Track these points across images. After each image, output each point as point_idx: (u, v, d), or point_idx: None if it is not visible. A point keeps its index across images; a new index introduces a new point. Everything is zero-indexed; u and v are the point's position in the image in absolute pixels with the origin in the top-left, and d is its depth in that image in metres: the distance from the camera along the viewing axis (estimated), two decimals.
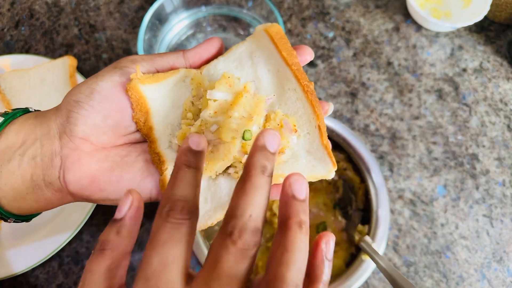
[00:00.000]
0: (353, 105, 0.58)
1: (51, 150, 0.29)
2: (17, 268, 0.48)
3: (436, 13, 0.61)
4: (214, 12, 0.58)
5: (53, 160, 0.29)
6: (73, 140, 0.29)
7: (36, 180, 0.29)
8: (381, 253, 0.45)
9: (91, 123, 0.29)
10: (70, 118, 0.29)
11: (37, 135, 0.30)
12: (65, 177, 0.29)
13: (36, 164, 0.29)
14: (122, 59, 0.31)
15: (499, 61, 0.61)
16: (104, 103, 0.29)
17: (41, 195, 0.30)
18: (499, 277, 0.51)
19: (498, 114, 0.58)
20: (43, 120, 0.30)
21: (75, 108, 0.29)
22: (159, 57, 0.32)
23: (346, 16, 0.63)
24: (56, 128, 0.30)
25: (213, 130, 0.29)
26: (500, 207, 0.54)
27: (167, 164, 0.30)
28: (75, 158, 0.29)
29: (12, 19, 0.63)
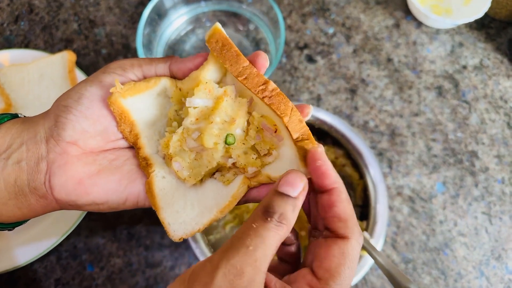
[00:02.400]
0: (352, 101, 0.58)
1: (37, 154, 0.29)
2: (16, 262, 0.48)
3: (437, 10, 0.60)
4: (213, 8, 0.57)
5: (39, 164, 0.29)
6: (60, 144, 0.29)
7: (20, 185, 0.29)
8: (379, 249, 0.45)
9: (79, 128, 0.29)
10: (58, 122, 0.29)
11: (23, 139, 0.29)
12: (51, 181, 0.29)
13: (21, 169, 0.29)
14: (112, 63, 0.31)
15: (499, 59, 0.61)
16: (93, 108, 0.29)
17: (24, 201, 0.29)
18: (498, 274, 0.51)
19: (498, 111, 0.58)
20: (30, 125, 0.30)
21: (63, 112, 0.29)
22: (147, 64, 0.31)
23: (347, 12, 0.63)
24: (44, 132, 0.29)
25: (195, 137, 0.29)
26: (499, 204, 0.54)
27: (154, 167, 0.30)
28: (62, 162, 0.29)
29: (11, 14, 0.63)
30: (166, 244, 0.51)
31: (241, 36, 0.58)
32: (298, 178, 0.26)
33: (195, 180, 0.30)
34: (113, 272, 0.50)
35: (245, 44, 0.57)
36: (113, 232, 0.52)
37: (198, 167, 0.29)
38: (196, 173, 0.29)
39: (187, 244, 0.51)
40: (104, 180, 0.29)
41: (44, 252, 0.48)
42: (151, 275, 0.50)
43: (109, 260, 0.51)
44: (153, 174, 0.29)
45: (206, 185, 0.30)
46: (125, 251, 0.51)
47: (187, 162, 0.30)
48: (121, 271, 0.50)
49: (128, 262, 0.51)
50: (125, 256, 0.51)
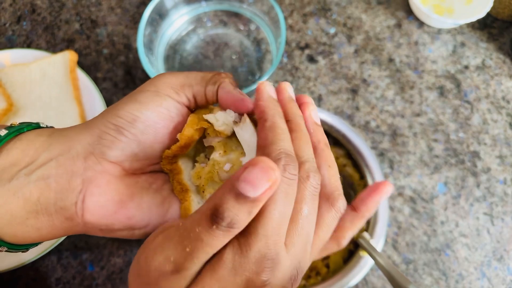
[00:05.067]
0: (353, 101, 0.58)
1: (71, 171, 0.26)
2: (17, 262, 0.48)
3: (439, 10, 0.60)
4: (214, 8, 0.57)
5: (71, 182, 0.26)
6: (102, 163, 0.26)
7: (44, 203, 0.26)
8: (379, 250, 0.45)
9: (128, 151, 0.27)
10: (104, 140, 0.26)
11: (53, 154, 0.26)
12: (85, 202, 0.26)
13: (48, 186, 0.26)
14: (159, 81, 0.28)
15: (501, 59, 0.60)
16: (148, 134, 0.27)
17: (45, 222, 0.26)
18: (499, 276, 0.50)
19: (500, 112, 0.58)
20: (61, 139, 0.27)
21: (113, 131, 0.27)
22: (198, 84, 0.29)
23: (348, 13, 0.63)
24: (81, 148, 0.27)
25: (227, 169, 0.28)
26: (501, 205, 0.53)
27: (190, 193, 0.29)
28: (102, 181, 0.26)
29: (14, 14, 0.63)
30: None
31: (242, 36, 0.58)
32: (264, 174, 0.20)
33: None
34: (114, 271, 0.51)
35: (246, 44, 0.57)
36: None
37: None
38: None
39: None
40: (147, 203, 0.28)
41: (45, 252, 0.48)
42: None
43: (109, 260, 0.51)
44: (190, 199, 0.29)
45: None
46: (126, 250, 0.51)
47: None
48: (121, 270, 0.51)
49: (129, 262, 0.51)
50: (126, 255, 0.51)
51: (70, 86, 0.54)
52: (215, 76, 0.29)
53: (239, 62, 0.57)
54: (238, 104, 0.28)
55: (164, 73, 0.30)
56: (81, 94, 0.55)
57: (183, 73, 0.29)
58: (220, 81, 0.29)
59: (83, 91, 0.55)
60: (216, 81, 0.29)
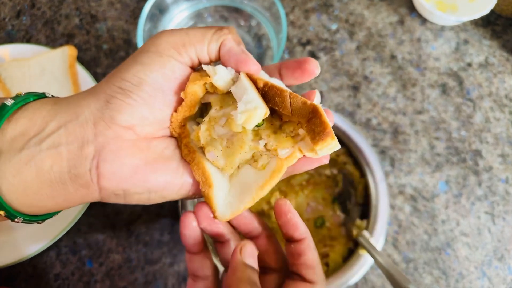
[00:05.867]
0: (355, 98, 0.57)
1: (82, 138, 0.25)
2: (16, 257, 0.48)
3: (442, 6, 0.59)
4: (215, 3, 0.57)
5: (84, 149, 0.25)
6: (113, 128, 0.26)
7: (58, 172, 0.25)
8: (379, 248, 0.45)
9: (138, 114, 0.26)
10: (112, 104, 0.26)
11: (61, 121, 0.26)
12: (100, 168, 0.25)
13: (59, 154, 0.25)
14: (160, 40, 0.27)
15: (505, 56, 0.60)
16: (156, 97, 0.27)
17: (60, 190, 0.26)
18: (500, 275, 0.50)
19: (502, 110, 0.57)
20: (68, 106, 0.26)
21: (120, 95, 0.26)
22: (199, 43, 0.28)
23: (350, 9, 0.62)
24: (90, 113, 0.26)
25: (222, 124, 0.28)
26: (502, 204, 0.53)
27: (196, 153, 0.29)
28: (115, 147, 0.26)
29: (13, 9, 0.63)
30: (165, 241, 0.51)
31: (243, 31, 0.57)
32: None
33: (232, 168, 0.29)
34: (112, 268, 0.50)
35: (247, 39, 0.57)
36: (113, 229, 0.52)
37: (232, 155, 0.29)
38: (231, 161, 0.29)
39: None
40: (161, 168, 0.27)
41: (44, 247, 0.48)
42: (150, 272, 0.50)
43: (108, 256, 0.51)
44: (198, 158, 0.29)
45: (244, 170, 0.30)
46: (125, 247, 0.51)
47: (219, 150, 0.29)
48: (120, 267, 0.50)
49: (128, 258, 0.51)
50: (124, 252, 0.51)
51: (69, 81, 0.54)
52: (217, 32, 0.28)
53: None
54: (240, 64, 0.27)
55: (164, 30, 0.28)
56: (81, 89, 0.54)
57: (183, 30, 0.28)
58: (222, 37, 0.28)
59: (82, 86, 0.54)
60: (218, 38, 0.28)
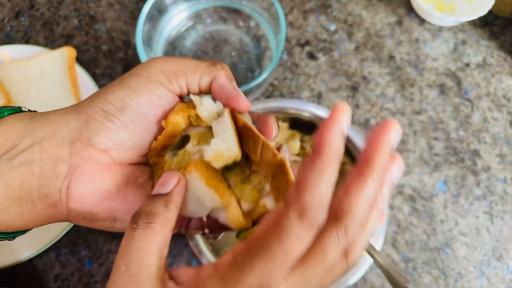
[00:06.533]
0: (353, 99, 0.58)
1: (56, 156, 0.25)
2: (15, 258, 0.48)
3: (440, 7, 0.60)
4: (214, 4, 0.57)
5: (56, 167, 0.25)
6: (88, 149, 0.25)
7: (27, 189, 0.25)
8: (378, 248, 0.45)
9: (116, 139, 0.26)
10: (91, 125, 0.25)
11: (36, 138, 0.25)
12: (71, 188, 0.25)
13: (31, 171, 0.24)
14: (152, 66, 0.27)
15: (503, 56, 0.60)
16: (139, 123, 0.26)
17: (28, 208, 0.25)
18: (498, 275, 0.50)
19: (500, 110, 0.57)
20: (44, 122, 0.26)
21: (101, 117, 0.25)
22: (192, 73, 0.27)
23: (348, 9, 0.62)
24: (67, 132, 0.25)
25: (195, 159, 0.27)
26: (501, 204, 0.53)
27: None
28: (88, 169, 0.25)
29: (12, 10, 0.63)
30: None
31: (242, 32, 0.57)
32: (170, 175, 0.24)
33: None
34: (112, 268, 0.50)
35: (245, 40, 0.57)
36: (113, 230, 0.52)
37: None
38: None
39: (185, 242, 0.51)
40: (132, 197, 0.27)
41: (43, 248, 0.48)
42: None
43: (108, 257, 0.51)
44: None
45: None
46: None
47: None
48: None
49: None
50: None
51: (68, 82, 0.54)
52: (210, 67, 0.28)
53: (239, 58, 0.56)
54: (230, 100, 0.27)
55: (156, 57, 0.28)
56: (80, 90, 0.54)
57: (176, 59, 0.28)
58: (215, 72, 0.28)
59: (81, 87, 0.54)
60: (211, 72, 0.28)
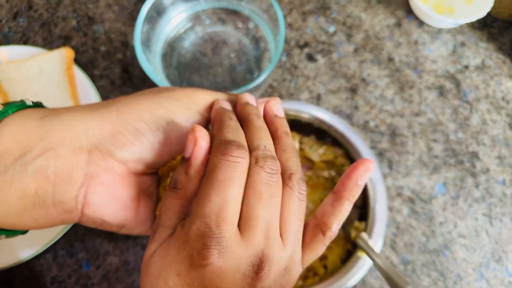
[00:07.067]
0: (352, 101, 0.57)
1: (72, 164, 0.24)
2: (12, 260, 0.47)
3: (439, 9, 0.60)
4: (213, 5, 0.57)
5: (72, 175, 0.24)
6: (107, 160, 0.25)
7: (42, 196, 0.24)
8: (377, 250, 0.45)
9: (138, 155, 0.26)
10: (116, 140, 0.25)
11: (51, 143, 0.24)
12: (87, 198, 0.25)
13: (46, 178, 0.24)
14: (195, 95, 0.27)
15: (501, 59, 0.60)
16: (165, 145, 0.26)
17: (43, 213, 0.25)
18: (498, 277, 0.50)
19: (499, 112, 0.57)
20: (61, 126, 0.25)
21: (130, 135, 0.25)
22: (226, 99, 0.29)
23: (347, 11, 0.62)
24: (86, 140, 0.25)
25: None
26: (499, 206, 0.53)
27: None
28: (106, 179, 0.25)
29: (10, 11, 0.63)
30: None
31: (241, 34, 0.57)
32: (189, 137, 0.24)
33: None
34: (110, 271, 0.50)
35: (244, 42, 0.57)
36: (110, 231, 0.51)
37: None
38: None
39: None
40: (144, 208, 0.28)
41: (41, 250, 0.48)
42: None
43: (105, 259, 0.50)
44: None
45: None
46: (122, 250, 0.51)
47: None
48: (117, 270, 0.50)
49: (125, 261, 0.50)
50: (122, 255, 0.51)
51: (66, 83, 0.54)
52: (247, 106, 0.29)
53: (238, 60, 0.56)
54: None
55: (197, 88, 0.29)
56: (78, 91, 0.54)
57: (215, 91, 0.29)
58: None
59: (79, 89, 0.54)
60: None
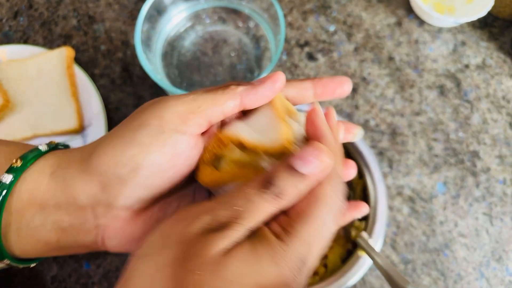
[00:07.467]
0: (353, 100, 0.57)
1: (83, 219, 0.26)
2: None
3: (439, 8, 0.60)
4: (213, 4, 0.57)
5: (86, 227, 0.26)
6: (111, 211, 0.26)
7: (64, 243, 0.26)
8: (378, 249, 0.45)
9: (136, 197, 0.26)
10: (108, 192, 0.25)
11: (60, 202, 0.25)
12: (105, 242, 0.27)
13: (65, 231, 0.26)
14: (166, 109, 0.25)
15: (502, 58, 0.60)
16: (155, 178, 0.25)
17: (68, 251, 0.27)
18: (498, 276, 0.50)
19: (500, 111, 0.57)
20: (63, 185, 0.26)
21: (116, 183, 0.25)
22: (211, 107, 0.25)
23: (348, 10, 0.62)
24: (85, 198, 0.25)
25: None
26: (500, 205, 0.53)
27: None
28: (116, 227, 0.26)
29: (11, 10, 0.62)
30: None
31: (241, 33, 0.57)
32: (315, 153, 0.22)
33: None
34: (110, 270, 0.50)
35: (244, 41, 0.57)
36: None
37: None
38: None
39: None
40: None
41: None
42: None
43: (106, 258, 0.50)
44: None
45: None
46: None
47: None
48: (118, 269, 0.50)
49: (125, 261, 0.50)
50: (122, 254, 0.51)
51: (67, 82, 0.54)
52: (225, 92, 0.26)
53: (238, 59, 0.56)
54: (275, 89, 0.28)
55: (167, 98, 0.26)
56: (78, 90, 0.54)
57: (189, 96, 0.26)
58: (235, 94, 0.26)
59: (80, 88, 0.54)
60: (231, 96, 0.26)
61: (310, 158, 0.22)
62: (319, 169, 0.22)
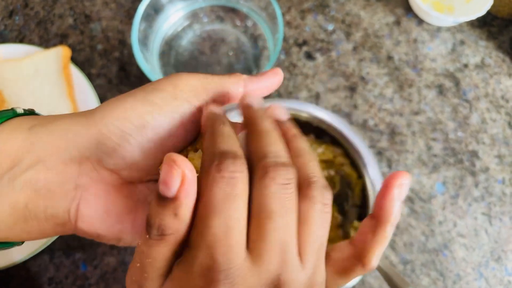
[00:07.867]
0: (351, 99, 0.57)
1: (62, 176, 0.23)
2: (9, 261, 0.47)
3: (438, 7, 0.59)
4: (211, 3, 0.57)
5: (63, 187, 0.23)
6: (98, 170, 0.24)
7: (33, 210, 0.23)
8: None
9: (130, 160, 0.24)
10: (104, 145, 0.23)
11: (39, 154, 0.23)
12: (80, 211, 0.23)
13: (36, 192, 0.23)
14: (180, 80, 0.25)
15: (501, 57, 0.60)
16: (155, 143, 0.24)
17: (35, 226, 0.23)
18: (497, 276, 0.50)
19: (499, 111, 0.57)
20: (48, 136, 0.23)
21: (116, 137, 0.23)
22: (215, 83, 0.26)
23: (346, 9, 0.62)
24: (76, 150, 0.23)
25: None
26: (499, 205, 0.53)
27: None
28: (99, 191, 0.24)
29: (6, 9, 0.62)
30: None
31: (239, 32, 0.57)
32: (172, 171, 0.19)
33: None
34: (107, 271, 0.50)
35: (242, 40, 0.57)
36: None
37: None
38: None
39: None
40: (142, 219, 0.25)
41: (38, 251, 0.47)
42: None
43: (102, 259, 0.50)
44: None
45: None
46: (119, 250, 0.50)
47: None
48: (115, 270, 0.50)
49: (122, 261, 0.50)
50: (119, 255, 0.50)
51: (63, 82, 0.53)
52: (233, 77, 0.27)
53: (236, 58, 0.56)
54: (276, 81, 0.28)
55: (182, 73, 0.26)
56: (75, 90, 0.54)
57: (201, 74, 0.27)
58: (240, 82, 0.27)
59: (76, 88, 0.54)
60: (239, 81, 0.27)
61: (169, 179, 0.19)
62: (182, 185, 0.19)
